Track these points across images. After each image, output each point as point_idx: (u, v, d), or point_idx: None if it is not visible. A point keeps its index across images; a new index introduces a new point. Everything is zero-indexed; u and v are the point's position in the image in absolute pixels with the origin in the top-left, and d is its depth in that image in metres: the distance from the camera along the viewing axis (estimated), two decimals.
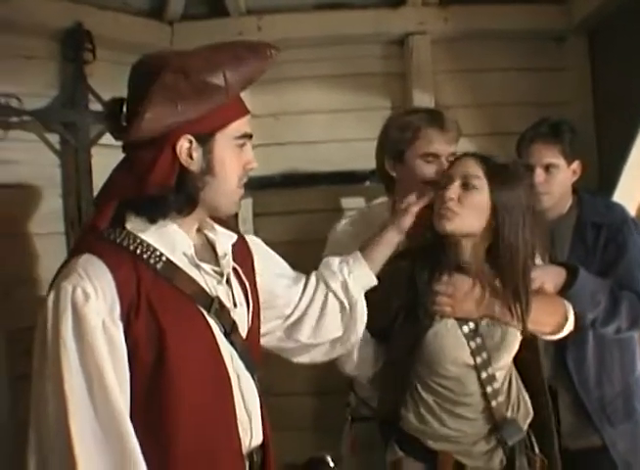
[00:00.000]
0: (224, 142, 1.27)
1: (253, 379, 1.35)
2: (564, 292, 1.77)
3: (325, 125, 2.43)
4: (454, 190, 1.55)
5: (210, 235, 1.38)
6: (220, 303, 1.29)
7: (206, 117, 1.23)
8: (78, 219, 2.17)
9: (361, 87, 2.45)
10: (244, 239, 1.47)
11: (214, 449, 1.23)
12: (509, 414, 1.60)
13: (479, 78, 2.48)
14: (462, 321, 1.59)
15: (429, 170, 1.78)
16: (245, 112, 1.31)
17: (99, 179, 2.15)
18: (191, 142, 1.23)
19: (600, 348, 1.99)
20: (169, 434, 1.18)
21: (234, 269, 1.38)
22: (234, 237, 1.40)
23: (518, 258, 1.56)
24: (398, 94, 2.45)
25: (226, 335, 1.29)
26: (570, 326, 1.71)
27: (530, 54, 2.52)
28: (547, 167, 1.98)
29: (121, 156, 1.27)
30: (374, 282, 1.58)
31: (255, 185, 2.31)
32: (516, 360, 1.67)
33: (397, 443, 1.67)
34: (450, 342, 1.59)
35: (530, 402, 1.67)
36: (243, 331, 1.34)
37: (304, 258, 2.31)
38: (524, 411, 1.64)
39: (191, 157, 1.24)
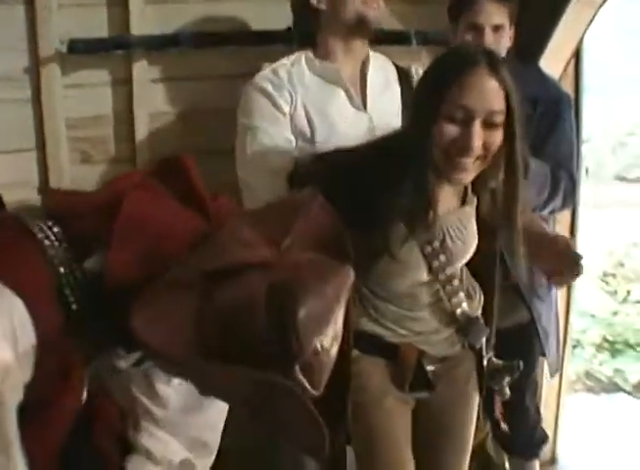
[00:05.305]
0: None
1: None
2: None
3: None
4: (477, 134, 1.31)
5: None
6: None
7: None
8: None
9: None
10: None
11: None
12: (465, 306, 1.55)
13: None
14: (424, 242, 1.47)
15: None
16: None
17: None
18: None
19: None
20: None
21: None
22: None
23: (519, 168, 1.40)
24: None
25: None
26: None
27: None
28: (495, 29, 1.85)
29: None
30: None
31: (152, 44, 2.04)
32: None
33: None
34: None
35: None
36: None
37: (206, 127, 2.09)
38: (477, 301, 1.60)
39: None
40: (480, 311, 1.59)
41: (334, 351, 0.91)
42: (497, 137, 1.34)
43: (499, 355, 1.65)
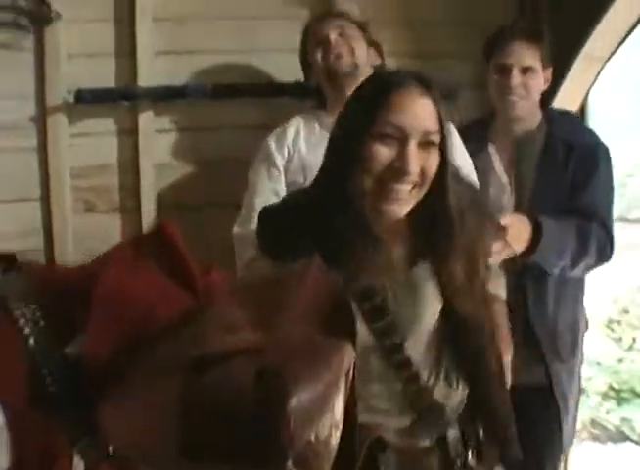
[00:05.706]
0: None
1: None
2: (530, 250, 1.69)
3: (235, 33, 2.11)
4: (414, 155, 1.13)
5: None
6: None
7: None
8: None
9: None
10: None
11: None
12: (422, 385, 1.25)
13: None
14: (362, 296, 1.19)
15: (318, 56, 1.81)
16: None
17: None
18: None
19: (560, 282, 1.89)
20: None
21: None
22: None
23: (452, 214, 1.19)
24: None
25: None
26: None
27: None
28: (524, 71, 1.81)
29: None
30: None
31: (158, 96, 2.04)
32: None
33: None
34: None
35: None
36: None
37: (211, 179, 2.09)
38: (460, 390, 1.30)
39: None
40: (458, 402, 1.31)
41: (333, 440, 0.81)
42: (434, 160, 1.16)
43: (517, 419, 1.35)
